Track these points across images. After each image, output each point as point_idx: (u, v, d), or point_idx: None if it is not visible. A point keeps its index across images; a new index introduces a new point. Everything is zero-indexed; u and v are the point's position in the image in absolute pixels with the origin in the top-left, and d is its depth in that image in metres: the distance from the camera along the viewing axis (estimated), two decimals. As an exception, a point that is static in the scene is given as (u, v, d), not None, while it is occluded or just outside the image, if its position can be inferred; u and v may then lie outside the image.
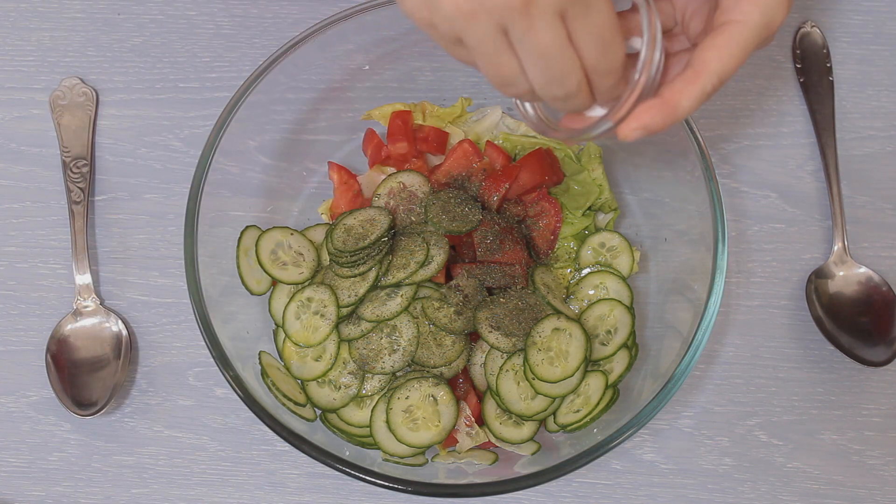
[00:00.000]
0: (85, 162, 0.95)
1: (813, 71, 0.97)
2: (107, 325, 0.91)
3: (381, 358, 0.82)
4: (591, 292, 0.87)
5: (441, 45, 0.62)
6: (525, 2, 0.56)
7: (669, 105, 0.63)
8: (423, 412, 0.81)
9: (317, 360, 0.84)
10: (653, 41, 0.62)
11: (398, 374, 0.83)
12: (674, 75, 0.66)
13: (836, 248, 0.92)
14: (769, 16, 0.63)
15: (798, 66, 0.98)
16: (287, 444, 0.79)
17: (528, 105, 0.70)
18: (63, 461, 0.89)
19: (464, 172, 0.89)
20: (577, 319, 0.83)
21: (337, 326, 0.83)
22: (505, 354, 0.82)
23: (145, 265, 0.94)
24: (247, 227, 0.86)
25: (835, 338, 0.89)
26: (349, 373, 0.84)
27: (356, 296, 0.82)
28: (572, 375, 0.81)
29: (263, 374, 0.82)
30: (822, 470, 0.88)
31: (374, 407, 0.82)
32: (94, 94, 0.98)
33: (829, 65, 0.98)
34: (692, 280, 0.84)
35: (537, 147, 0.90)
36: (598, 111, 0.66)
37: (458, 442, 0.84)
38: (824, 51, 0.98)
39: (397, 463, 0.81)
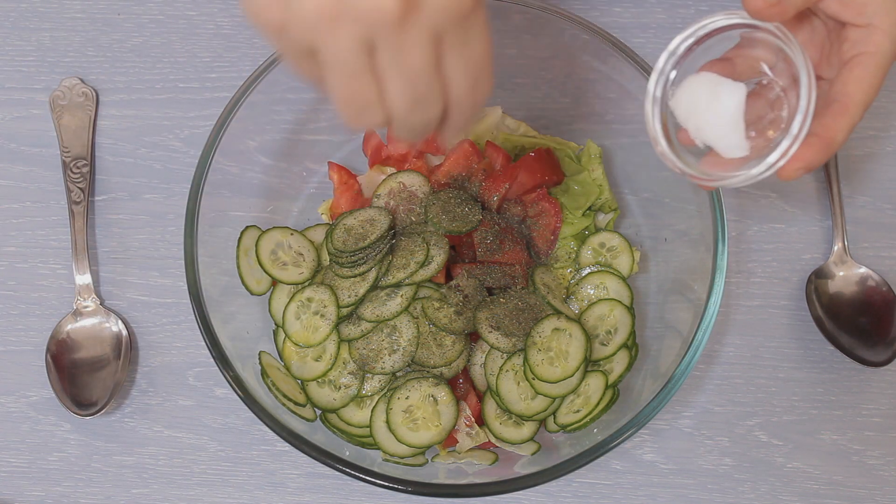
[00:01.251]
0: (85, 162, 0.95)
1: (813, 71, 0.97)
2: (107, 325, 0.91)
3: (381, 358, 0.82)
4: (591, 292, 0.87)
5: (286, 55, 0.54)
6: (402, 14, 0.49)
7: (825, 141, 0.64)
8: (423, 412, 0.81)
9: (317, 360, 0.84)
10: (810, 90, 0.62)
11: (398, 374, 0.83)
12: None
13: (835, 248, 0.92)
14: None
15: (798, 65, 0.98)
16: (287, 444, 0.79)
17: (664, 143, 0.67)
18: (63, 461, 0.89)
19: (464, 172, 0.89)
20: (577, 319, 0.83)
21: (337, 326, 0.83)
22: (505, 354, 0.82)
23: (145, 265, 0.94)
24: (247, 227, 0.86)
25: (835, 338, 0.89)
26: (349, 373, 0.84)
27: (356, 296, 0.82)
28: (572, 375, 0.81)
29: (263, 374, 0.82)
30: (822, 470, 0.88)
31: (374, 407, 0.82)
32: (94, 94, 0.98)
33: (829, 65, 0.98)
34: (692, 280, 0.84)
35: (537, 147, 0.90)
36: (734, 151, 0.66)
37: (458, 442, 0.84)
38: (824, 51, 0.98)
39: (397, 463, 0.81)
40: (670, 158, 0.67)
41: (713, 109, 0.66)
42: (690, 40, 0.66)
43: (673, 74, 0.67)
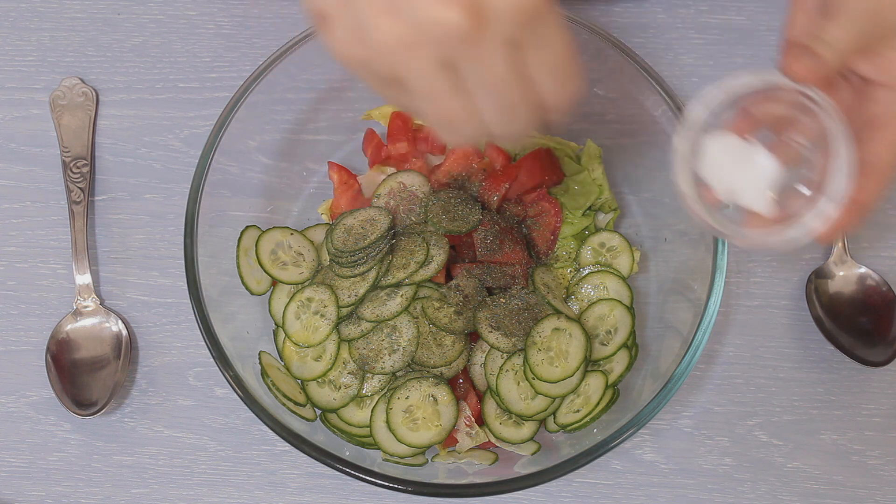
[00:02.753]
0: (85, 162, 0.95)
1: (813, 71, 0.97)
2: (107, 325, 0.91)
3: (381, 358, 0.82)
4: (592, 292, 0.87)
5: (375, 88, 0.56)
6: (472, 29, 0.50)
7: (860, 205, 0.66)
8: (423, 412, 0.81)
9: (317, 360, 0.84)
10: (851, 155, 0.64)
11: (398, 374, 0.83)
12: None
13: (836, 248, 0.92)
14: None
15: (798, 66, 0.98)
16: (287, 444, 0.79)
17: (695, 200, 0.67)
18: (63, 461, 0.89)
19: (464, 172, 0.89)
20: (577, 319, 0.83)
21: (337, 326, 0.83)
22: (505, 354, 0.82)
23: (145, 265, 0.94)
24: (247, 227, 0.86)
25: (835, 338, 0.89)
26: (349, 373, 0.84)
27: (356, 296, 0.82)
28: (572, 375, 0.81)
29: (263, 374, 0.82)
30: (822, 470, 0.88)
31: (374, 407, 0.82)
32: (94, 94, 0.98)
33: (829, 65, 0.97)
34: (692, 280, 0.84)
35: (537, 147, 0.90)
36: (760, 210, 0.67)
37: (458, 442, 0.84)
38: (824, 51, 0.98)
39: (397, 463, 0.81)
40: (704, 218, 0.67)
41: (740, 171, 0.66)
42: (721, 97, 0.66)
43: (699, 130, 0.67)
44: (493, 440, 0.84)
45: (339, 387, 0.84)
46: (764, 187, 0.67)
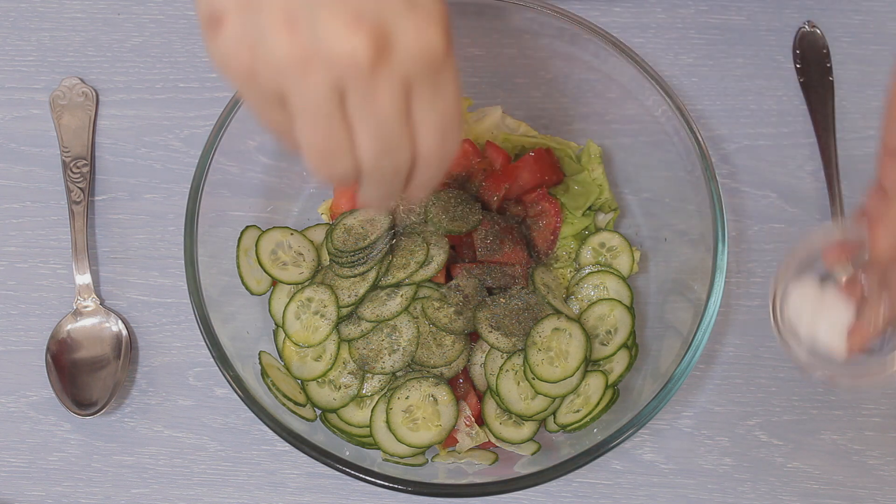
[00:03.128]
0: (85, 162, 0.95)
1: (813, 71, 0.97)
2: (107, 325, 0.91)
3: (381, 358, 0.82)
4: (592, 292, 0.87)
5: (252, 102, 0.53)
6: (373, 61, 0.49)
7: None
8: (423, 412, 0.81)
9: (317, 360, 0.84)
10: None
11: (398, 374, 0.83)
12: None
13: (836, 248, 0.92)
14: None
15: (798, 66, 0.98)
16: (287, 444, 0.79)
17: (795, 348, 0.73)
18: (63, 461, 0.89)
19: (464, 172, 0.89)
20: (577, 319, 0.83)
21: (337, 326, 0.83)
22: (505, 354, 0.82)
23: (145, 265, 0.94)
24: (247, 227, 0.86)
25: (835, 338, 0.89)
26: (349, 373, 0.84)
27: (356, 296, 0.82)
28: (572, 375, 0.81)
29: (263, 374, 0.82)
30: (822, 470, 0.88)
31: (374, 407, 0.82)
32: (94, 94, 0.98)
33: (829, 65, 0.98)
34: (692, 280, 0.84)
35: (537, 147, 0.90)
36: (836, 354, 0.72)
37: (458, 442, 0.84)
38: (824, 51, 0.98)
39: (397, 463, 0.81)
40: (815, 366, 0.73)
41: (819, 317, 0.72)
42: (809, 252, 0.73)
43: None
44: (493, 440, 0.84)
45: (339, 387, 0.84)
46: (841, 331, 0.71)
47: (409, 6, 0.50)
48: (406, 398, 0.81)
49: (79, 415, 0.87)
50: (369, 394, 0.83)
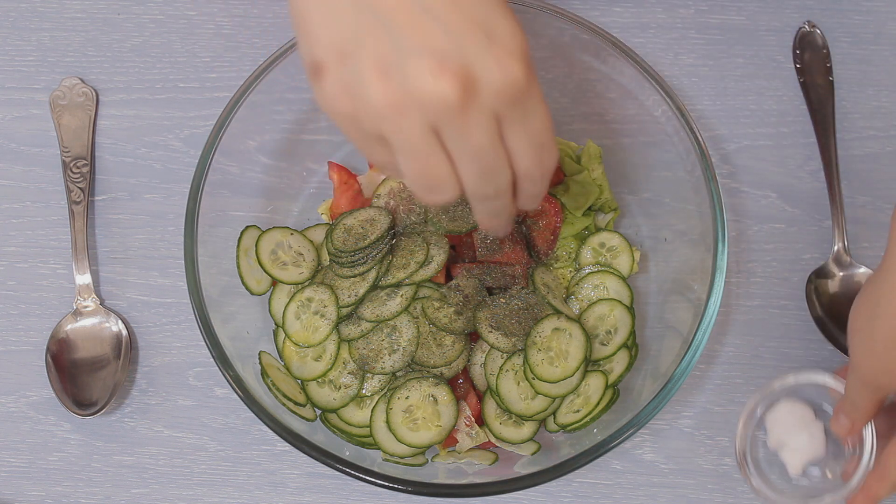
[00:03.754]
0: (85, 162, 0.95)
1: (813, 71, 0.97)
2: (107, 325, 0.91)
3: (381, 358, 0.82)
4: (592, 292, 0.87)
5: (357, 143, 0.58)
6: (462, 102, 0.52)
7: (870, 496, 0.74)
8: (423, 412, 0.81)
9: (317, 360, 0.84)
10: (868, 463, 0.76)
11: (398, 374, 0.83)
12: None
13: (836, 248, 0.92)
14: None
15: (798, 66, 0.98)
16: (287, 444, 0.79)
17: (757, 481, 0.81)
18: (63, 461, 0.89)
19: (464, 172, 0.89)
20: (577, 319, 0.83)
21: (337, 326, 0.83)
22: (505, 354, 0.82)
23: (145, 265, 0.94)
24: (247, 227, 0.86)
25: (835, 338, 0.89)
26: (349, 373, 0.84)
27: (356, 296, 0.83)
28: (572, 375, 0.81)
29: (263, 374, 0.82)
30: (822, 470, 0.88)
31: (374, 407, 0.82)
32: (94, 94, 0.98)
33: (829, 65, 0.98)
34: (692, 280, 0.84)
35: (537, 147, 0.90)
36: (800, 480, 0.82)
37: (458, 442, 0.84)
38: (824, 51, 0.98)
39: (397, 463, 0.81)
40: (746, 469, 0.82)
41: (797, 434, 0.81)
42: (783, 387, 0.81)
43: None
44: (493, 440, 0.84)
45: (339, 387, 0.84)
46: (805, 458, 0.81)
47: (489, 43, 0.53)
48: (406, 398, 0.81)
49: (79, 415, 0.87)
50: (369, 394, 0.84)
